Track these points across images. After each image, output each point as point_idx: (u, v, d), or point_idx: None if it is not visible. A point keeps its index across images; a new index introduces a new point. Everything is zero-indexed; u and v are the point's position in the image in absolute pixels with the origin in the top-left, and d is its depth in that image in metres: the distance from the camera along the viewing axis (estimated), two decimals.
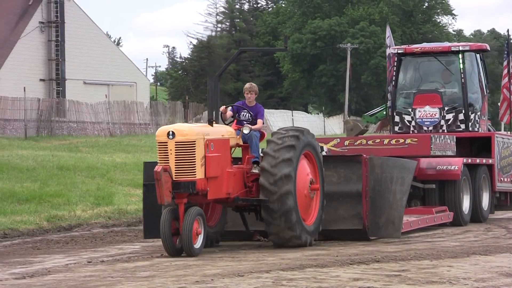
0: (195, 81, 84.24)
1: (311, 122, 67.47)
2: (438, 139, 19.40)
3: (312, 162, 15.38)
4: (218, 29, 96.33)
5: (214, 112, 14.69)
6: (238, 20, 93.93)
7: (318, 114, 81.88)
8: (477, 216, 20.25)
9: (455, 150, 19.98)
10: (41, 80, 59.30)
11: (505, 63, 23.43)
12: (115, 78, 58.01)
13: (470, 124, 21.72)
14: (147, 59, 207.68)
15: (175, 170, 13.68)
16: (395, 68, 22.48)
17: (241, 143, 15.21)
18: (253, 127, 15.24)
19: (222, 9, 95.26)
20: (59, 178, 24.40)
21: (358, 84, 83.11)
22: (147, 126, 54.56)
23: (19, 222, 18.35)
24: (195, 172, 13.77)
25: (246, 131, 15.01)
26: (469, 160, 20.17)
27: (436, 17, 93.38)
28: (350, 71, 77.62)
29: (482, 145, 21.68)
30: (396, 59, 22.54)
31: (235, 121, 15.55)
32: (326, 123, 73.18)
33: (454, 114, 21.63)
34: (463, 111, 21.54)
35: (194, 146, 13.80)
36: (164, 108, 59.37)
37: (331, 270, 11.91)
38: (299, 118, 68.72)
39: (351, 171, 16.14)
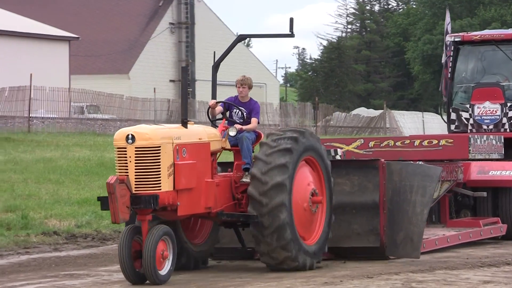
0: (325, 82, 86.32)
1: (443, 124, 67.76)
2: (479, 140, 18.07)
3: (317, 169, 13.47)
4: (348, 30, 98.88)
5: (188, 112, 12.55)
6: (368, 21, 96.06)
7: None
8: None
9: (503, 152, 18.75)
10: (171, 81, 62.11)
11: None
12: None
13: None
14: (276, 60, 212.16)
15: (135, 181, 11.74)
16: (451, 58, 20.99)
17: (229, 146, 13.26)
18: (245, 127, 13.21)
19: (353, 11, 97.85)
20: None
21: None
22: (277, 127, 54.56)
23: None
24: (159, 183, 11.81)
25: (232, 133, 12.92)
26: None
27: None
28: None
29: None
30: (453, 48, 21.05)
31: (224, 120, 13.49)
32: None
33: None
34: None
35: (159, 153, 11.79)
36: (293, 109, 59.72)
37: (461, 272, 11.66)
38: (430, 119, 69.11)
39: (366, 178, 14.50)
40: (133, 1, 63.69)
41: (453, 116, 20.65)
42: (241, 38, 14.88)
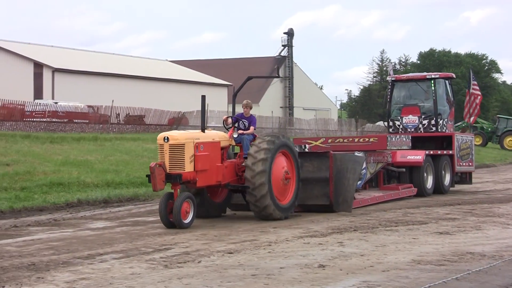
0: (361, 108, 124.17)
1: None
2: (394, 138, 23.42)
3: (289, 158, 18.13)
4: (374, 80, 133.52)
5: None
6: (385, 75, 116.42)
7: None
8: (439, 189, 25.52)
9: (411, 145, 24.53)
10: (280, 107, 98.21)
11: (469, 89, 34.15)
12: None
13: (439, 127, 26.62)
14: (336, 96, 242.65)
15: (169, 165, 16.14)
16: (389, 90, 27.53)
17: (234, 144, 18.18)
18: (245, 132, 18.17)
19: (376, 70, 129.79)
20: None
21: None
22: (336, 133, 69.60)
23: None
24: (184, 167, 16.20)
25: (235, 135, 17.89)
26: (431, 152, 25.30)
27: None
28: None
29: (449, 141, 26.51)
30: (391, 84, 27.74)
31: (233, 127, 18.11)
32: None
33: (428, 120, 26.72)
34: (434, 119, 26.61)
35: (184, 148, 16.24)
36: (345, 122, 78.73)
37: (434, 208, 14.89)
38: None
39: (321, 163, 18.99)
40: (263, 63, 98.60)
41: (391, 123, 27.40)
42: (249, 78, 19.77)
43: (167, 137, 16.14)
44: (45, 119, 47.75)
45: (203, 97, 17.20)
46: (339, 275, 10.58)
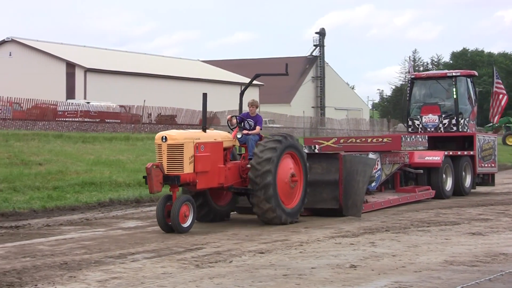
0: (393, 107, 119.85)
1: None
2: (409, 138, 22.44)
3: (296, 160, 17.26)
4: (406, 79, 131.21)
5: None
6: None
7: None
8: (459, 191, 24.71)
9: (427, 145, 23.64)
10: (312, 107, 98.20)
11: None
12: None
13: (460, 127, 25.88)
14: (368, 96, 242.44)
15: (167, 166, 15.24)
16: (408, 88, 26.88)
17: (238, 144, 17.29)
18: (251, 132, 17.37)
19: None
20: None
21: None
22: (368, 132, 71.51)
23: None
24: (182, 168, 15.29)
25: (239, 135, 17.07)
26: (451, 153, 24.57)
27: None
28: None
29: (471, 141, 25.79)
30: (410, 82, 27.12)
31: (237, 127, 17.31)
32: None
33: (448, 120, 26.02)
34: (455, 118, 25.92)
35: (182, 148, 15.32)
36: (377, 122, 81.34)
37: (467, 209, 16.89)
38: None
39: (331, 165, 18.18)
40: (294, 63, 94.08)
41: (410, 123, 26.60)
42: (256, 75, 18.77)
43: (165, 136, 15.33)
44: (77, 119, 48.15)
45: (204, 95, 16.23)
46: (371, 275, 10.54)
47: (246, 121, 17.56)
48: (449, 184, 24.24)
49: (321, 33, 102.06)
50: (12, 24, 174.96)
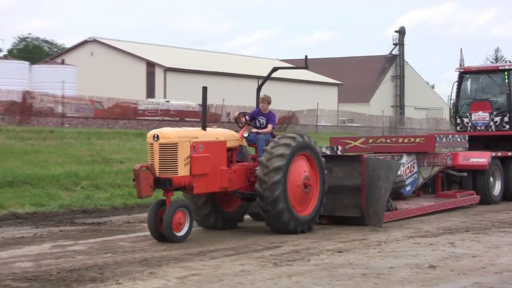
0: None
1: None
2: (444, 138, 20.89)
3: (312, 163, 15.56)
4: None
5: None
6: None
7: None
8: (510, 196, 22.52)
9: (467, 146, 21.95)
10: (391, 106, 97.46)
11: None
12: None
13: None
14: (448, 95, 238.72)
15: (159, 168, 13.62)
16: (457, 83, 24.70)
17: (245, 144, 15.70)
18: (262, 130, 15.84)
19: None
20: None
21: None
22: (448, 130, 64.23)
23: None
24: (176, 170, 13.66)
25: (245, 134, 15.47)
26: (499, 154, 22.43)
27: None
28: None
29: None
30: (458, 77, 24.81)
31: (246, 126, 15.77)
32: None
33: (500, 117, 23.90)
34: (508, 115, 23.78)
35: (176, 148, 13.68)
36: None
37: (499, 214, 15.76)
38: None
39: (353, 168, 16.55)
40: (374, 62, 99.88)
41: (458, 121, 24.61)
42: (274, 69, 17.47)
43: (157, 135, 13.65)
44: (157, 118, 48.71)
45: (204, 89, 14.65)
46: (450, 276, 10.45)
47: (257, 119, 16.09)
48: (497, 189, 22.11)
49: (401, 32, 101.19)
50: (94, 24, 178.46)
